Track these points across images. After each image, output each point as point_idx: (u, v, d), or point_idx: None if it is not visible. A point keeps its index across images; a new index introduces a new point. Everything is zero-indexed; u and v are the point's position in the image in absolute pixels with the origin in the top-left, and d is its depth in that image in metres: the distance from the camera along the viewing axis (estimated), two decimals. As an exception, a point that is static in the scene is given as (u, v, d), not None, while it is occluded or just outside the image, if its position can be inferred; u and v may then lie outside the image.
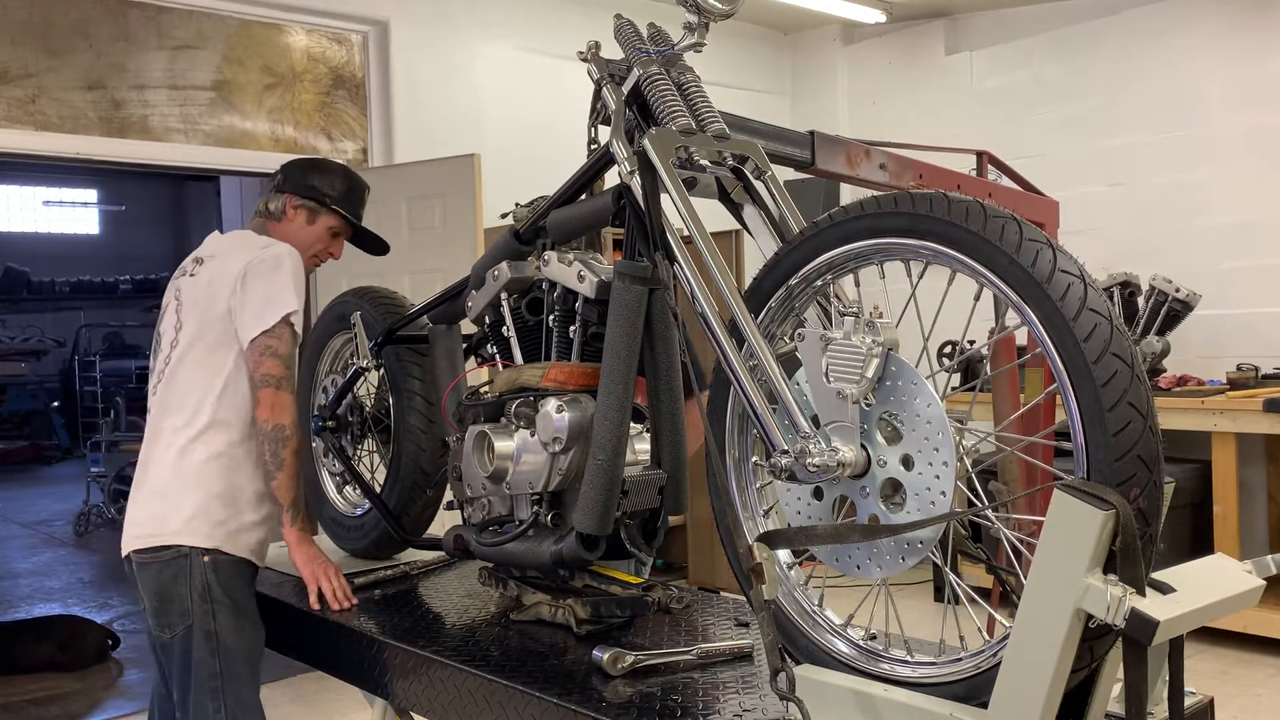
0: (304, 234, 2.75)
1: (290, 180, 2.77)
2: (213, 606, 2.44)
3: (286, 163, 2.85)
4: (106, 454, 9.92)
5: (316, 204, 2.75)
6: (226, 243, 2.68)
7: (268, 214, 2.76)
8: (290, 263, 2.54)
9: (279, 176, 2.79)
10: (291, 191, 2.75)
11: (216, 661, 2.43)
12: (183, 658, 2.45)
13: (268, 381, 2.49)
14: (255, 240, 2.64)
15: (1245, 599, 1.43)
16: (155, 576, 2.46)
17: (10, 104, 4.94)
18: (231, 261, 2.55)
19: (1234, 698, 4.58)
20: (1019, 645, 1.32)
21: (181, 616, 2.44)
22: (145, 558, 2.48)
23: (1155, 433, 1.33)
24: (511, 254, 2.30)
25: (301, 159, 2.92)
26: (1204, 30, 6.08)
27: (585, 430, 2.01)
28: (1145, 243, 6.18)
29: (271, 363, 2.49)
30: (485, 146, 5.68)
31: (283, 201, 2.75)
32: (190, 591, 2.44)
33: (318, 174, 2.80)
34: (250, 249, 2.57)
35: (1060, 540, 1.28)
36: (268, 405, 2.48)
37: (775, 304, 1.73)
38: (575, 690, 1.82)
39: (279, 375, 2.49)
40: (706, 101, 1.98)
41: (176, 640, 2.46)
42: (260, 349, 2.49)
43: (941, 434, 1.45)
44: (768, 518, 1.81)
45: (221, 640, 2.44)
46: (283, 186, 2.77)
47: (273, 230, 2.74)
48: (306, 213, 2.75)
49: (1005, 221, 1.41)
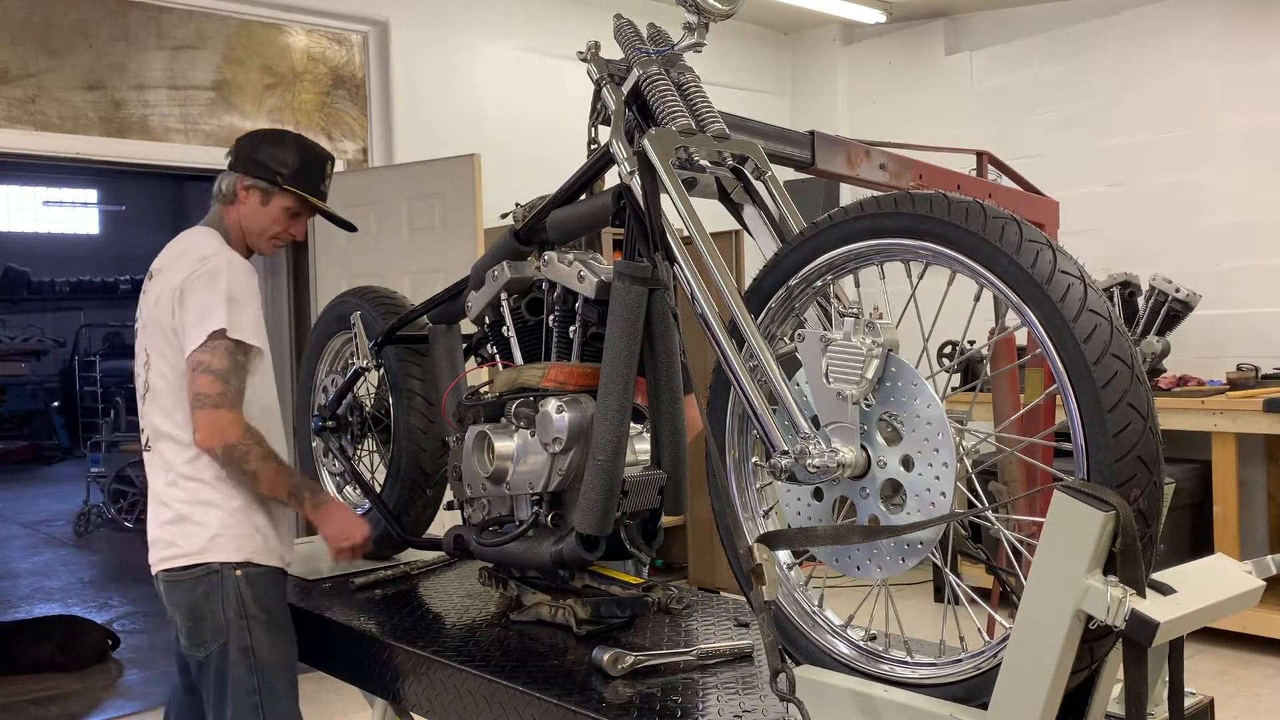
0: (259, 217, 2.54)
1: (240, 158, 2.53)
2: (248, 622, 2.35)
3: (243, 137, 2.61)
4: (106, 454, 9.92)
5: (269, 184, 2.52)
6: (173, 251, 2.50)
7: (220, 196, 2.54)
8: (226, 276, 2.36)
9: (233, 154, 2.56)
10: (241, 171, 2.52)
11: (254, 678, 2.35)
12: (218, 676, 2.36)
13: (201, 402, 2.31)
14: (198, 247, 2.44)
15: (1245, 599, 1.43)
16: (187, 594, 2.36)
17: (10, 104, 4.94)
18: (172, 276, 2.40)
19: (1234, 698, 4.58)
20: (1019, 646, 1.32)
21: (216, 634, 2.35)
22: (175, 575, 2.38)
23: (1155, 433, 1.33)
24: (511, 254, 2.30)
25: (254, 132, 2.69)
26: (1204, 30, 6.08)
27: (585, 430, 2.01)
28: (1145, 243, 6.17)
29: (203, 380, 2.31)
30: (485, 146, 5.68)
31: (233, 182, 2.52)
32: (224, 608, 2.35)
33: (269, 147, 2.55)
34: (189, 260, 2.40)
35: (1060, 541, 1.28)
36: (205, 428, 2.31)
37: (775, 304, 1.73)
38: (575, 691, 1.82)
39: (212, 393, 2.31)
40: (706, 102, 1.98)
41: (211, 658, 2.36)
42: (193, 366, 2.33)
43: (941, 435, 1.45)
44: (768, 518, 1.81)
45: (258, 656, 2.36)
46: (233, 165, 2.54)
47: (226, 215, 2.54)
48: (259, 194, 2.52)
49: (1005, 222, 1.41)
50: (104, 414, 11.83)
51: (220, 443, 2.32)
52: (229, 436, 2.32)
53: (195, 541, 2.37)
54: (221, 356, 2.33)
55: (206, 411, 2.31)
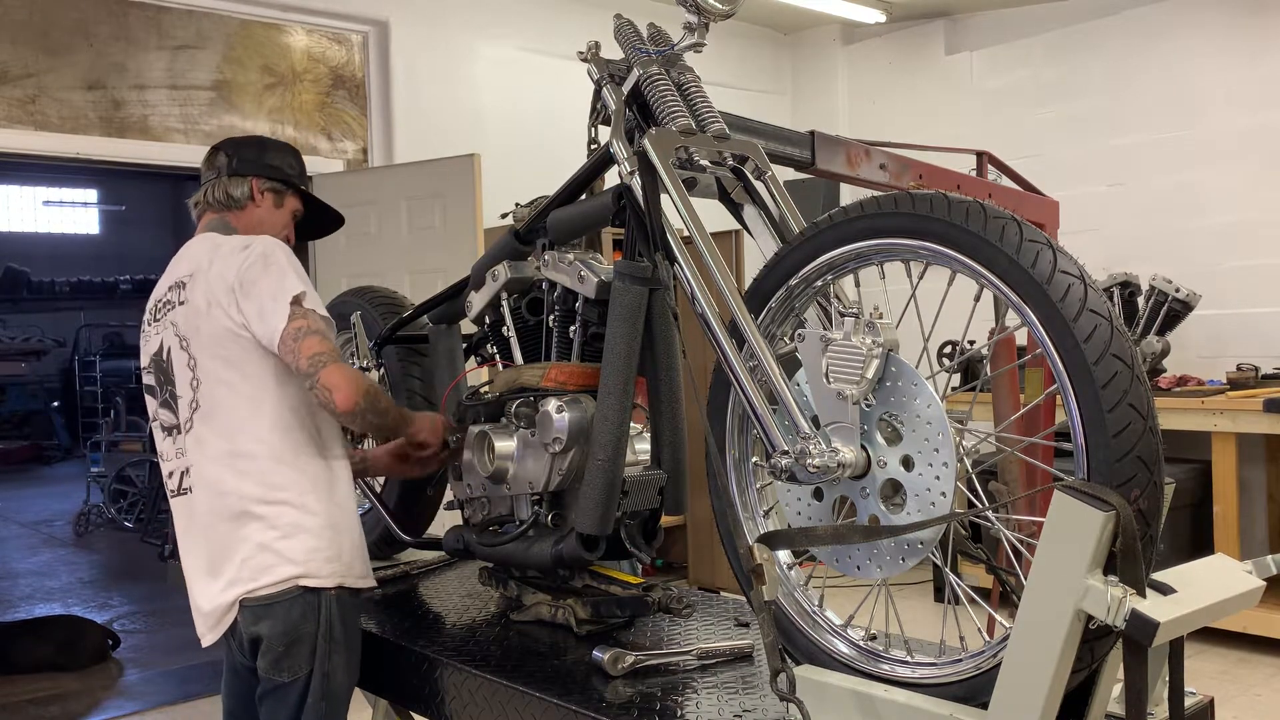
0: (272, 219, 2.48)
1: (249, 162, 2.48)
2: (331, 646, 2.19)
3: (227, 145, 2.52)
4: (106, 454, 9.91)
5: (284, 185, 2.49)
6: (198, 257, 2.31)
7: (227, 203, 2.44)
8: (278, 253, 2.23)
9: (227, 159, 2.47)
10: (255, 174, 2.46)
11: (323, 705, 2.19)
12: (298, 701, 2.18)
13: (320, 362, 2.12)
14: (229, 243, 2.29)
15: (1245, 599, 1.43)
16: (284, 616, 2.16)
17: (10, 104, 4.94)
18: (217, 274, 2.22)
19: (1234, 698, 4.58)
20: (1019, 646, 1.32)
21: (309, 659, 2.17)
22: (266, 597, 2.16)
23: (1155, 433, 1.33)
24: (511, 254, 2.30)
25: (242, 139, 2.61)
26: (1204, 30, 6.08)
27: (585, 430, 2.01)
28: (1145, 243, 6.17)
29: (312, 341, 2.13)
30: (485, 146, 5.68)
31: (248, 186, 2.45)
32: (317, 631, 2.17)
33: (275, 153, 2.53)
34: (230, 255, 2.24)
35: (1060, 541, 1.28)
36: (344, 385, 2.10)
37: (775, 304, 1.73)
38: (575, 690, 1.82)
39: (327, 350, 2.14)
40: (706, 102, 1.98)
41: (297, 683, 2.17)
42: (291, 335, 2.13)
43: (942, 435, 1.45)
44: (768, 518, 1.81)
45: (332, 681, 2.20)
46: (240, 169, 2.46)
47: (234, 221, 2.44)
48: (274, 195, 2.48)
49: (1005, 222, 1.41)
50: (104, 414, 11.84)
51: (360, 394, 2.12)
52: (363, 385, 2.15)
53: (285, 563, 2.17)
54: (314, 318, 2.17)
55: (335, 368, 2.12)
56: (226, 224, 2.44)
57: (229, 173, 2.45)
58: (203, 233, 2.42)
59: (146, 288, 2.87)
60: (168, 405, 2.30)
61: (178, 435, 2.28)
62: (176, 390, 2.27)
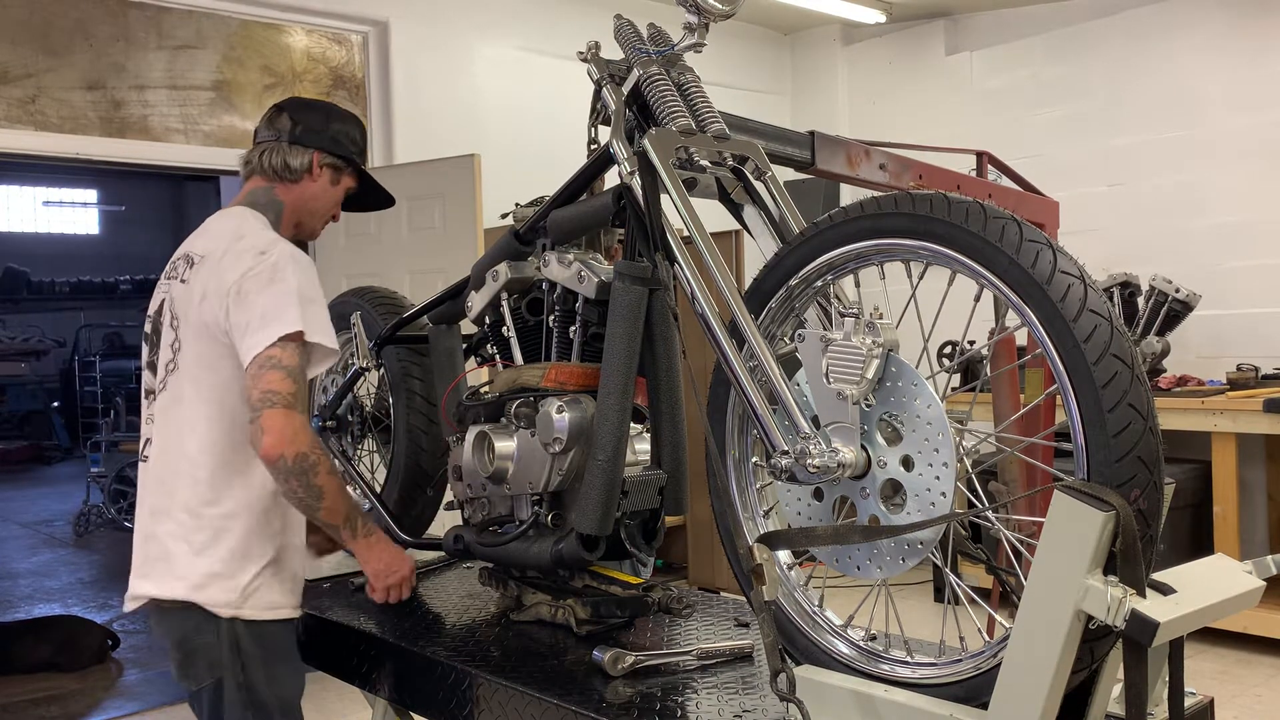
0: (325, 197, 2.32)
1: (312, 131, 2.28)
2: (242, 659, 2.08)
3: (291, 107, 2.32)
4: (106, 454, 9.92)
5: (346, 162, 2.32)
6: (220, 236, 2.17)
7: (283, 173, 2.27)
8: (293, 271, 2.08)
9: (291, 123, 2.28)
10: (319, 147, 2.28)
11: (248, 714, 2.09)
12: (211, 710, 2.11)
13: (270, 400, 1.97)
14: (253, 236, 2.14)
15: (1245, 599, 1.43)
16: (179, 624, 2.09)
17: (10, 104, 4.94)
18: (225, 270, 2.09)
19: (1234, 698, 4.58)
20: (1019, 646, 1.32)
21: (209, 670, 2.08)
22: (162, 602, 2.11)
23: (1155, 433, 1.33)
24: (511, 254, 2.30)
25: (308, 102, 2.40)
26: (1204, 30, 6.08)
27: (585, 431, 2.01)
28: (1145, 243, 6.17)
29: (274, 376, 1.98)
30: (485, 146, 5.68)
31: (308, 158, 2.27)
32: (220, 643, 2.08)
33: (341, 123, 2.33)
34: (246, 253, 2.09)
35: (1060, 541, 1.28)
36: (276, 431, 1.95)
37: (775, 304, 1.73)
38: (575, 691, 1.82)
39: (285, 391, 1.98)
40: (706, 102, 1.98)
41: (204, 692, 2.10)
42: (260, 362, 2.00)
43: (942, 435, 1.45)
44: (768, 518, 1.81)
45: (256, 693, 2.09)
46: (304, 139, 2.27)
47: (282, 194, 2.27)
48: (332, 172, 2.31)
49: (1005, 222, 1.41)
50: (104, 414, 11.84)
51: (292, 450, 1.97)
52: (300, 444, 1.98)
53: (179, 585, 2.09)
54: (293, 355, 2.02)
55: (278, 412, 1.95)
56: (272, 196, 2.27)
57: (290, 139, 2.27)
58: (242, 203, 2.27)
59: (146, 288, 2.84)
60: (152, 368, 2.22)
61: (151, 401, 2.21)
62: (158, 361, 2.19)
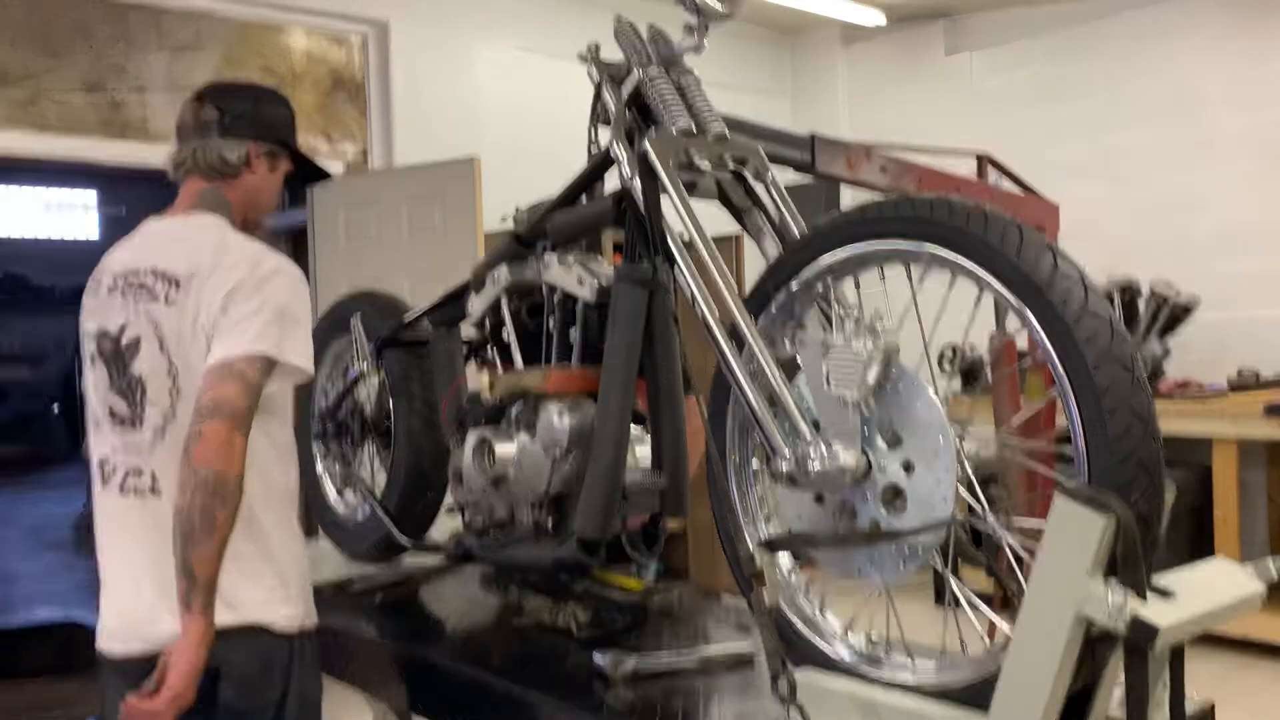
0: (267, 187, 2.15)
1: (243, 120, 2.09)
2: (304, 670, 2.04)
3: (214, 95, 2.12)
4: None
5: (281, 147, 2.15)
6: (201, 255, 1.98)
7: (222, 169, 2.07)
8: (284, 287, 1.94)
9: (218, 114, 2.07)
10: (253, 136, 2.10)
11: None
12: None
13: (221, 410, 1.80)
14: (240, 249, 1.98)
15: (1246, 604, 1.43)
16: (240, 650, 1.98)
17: (10, 106, 4.93)
18: (217, 286, 1.93)
19: (1235, 702, 4.56)
20: (1020, 650, 1.32)
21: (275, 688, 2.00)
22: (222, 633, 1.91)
23: (1156, 437, 1.32)
24: (512, 257, 2.30)
25: (229, 87, 2.22)
26: (1204, 31, 6.08)
27: (586, 434, 2.01)
28: (1145, 245, 6.17)
29: (231, 387, 1.83)
30: (485, 148, 5.68)
31: (243, 151, 2.08)
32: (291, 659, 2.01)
33: (269, 106, 2.16)
34: (236, 267, 1.94)
35: (1061, 545, 1.28)
36: (215, 441, 1.78)
37: (776, 308, 1.73)
38: (576, 695, 1.82)
39: (238, 407, 1.82)
40: (707, 103, 1.98)
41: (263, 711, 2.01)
42: (222, 368, 1.85)
43: (942, 438, 1.45)
44: (768, 523, 1.81)
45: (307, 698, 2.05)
46: (235, 129, 2.08)
47: (227, 192, 2.09)
48: (269, 160, 2.13)
49: (1006, 225, 1.41)
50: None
51: (220, 467, 1.79)
52: (231, 466, 1.80)
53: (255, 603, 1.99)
54: (256, 371, 1.87)
55: (224, 425, 1.80)
56: (220, 196, 2.10)
57: (220, 132, 2.08)
58: (199, 210, 2.08)
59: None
60: (125, 395, 2.00)
61: (134, 432, 2.00)
62: (147, 393, 1.98)
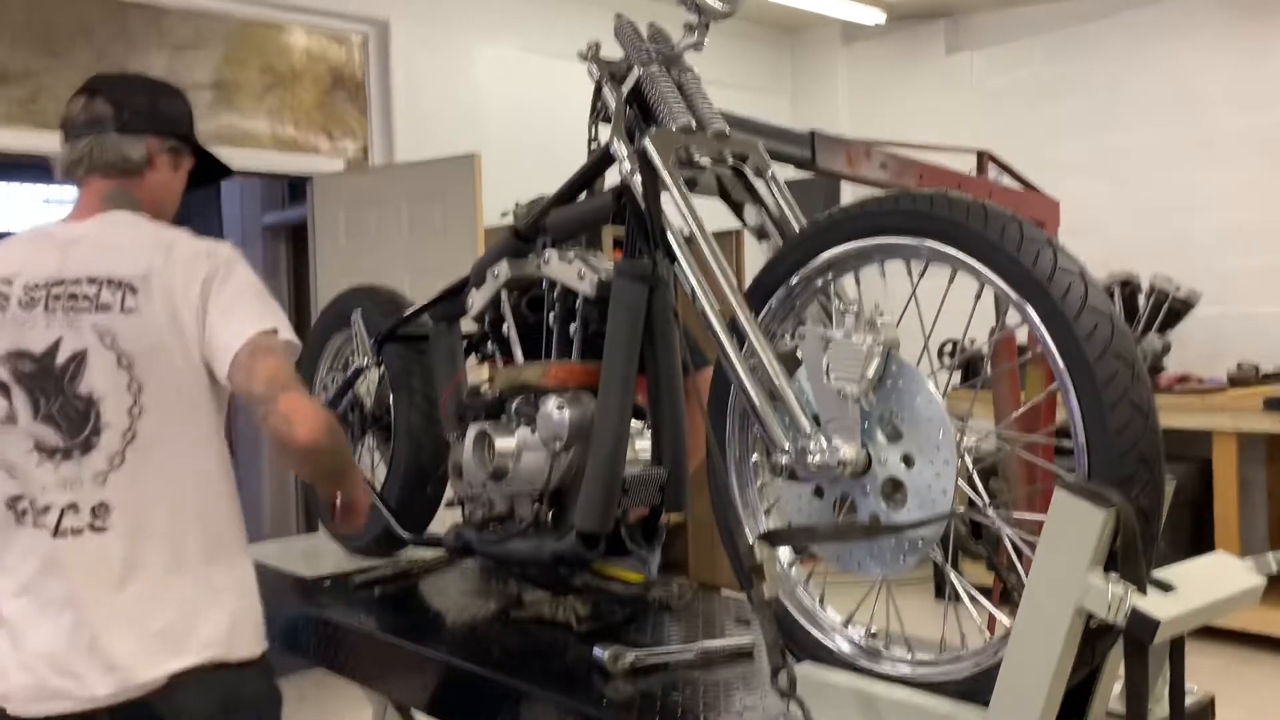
0: (173, 186, 2.02)
1: (141, 116, 1.94)
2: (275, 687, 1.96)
3: (106, 88, 1.96)
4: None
5: (183, 143, 2.02)
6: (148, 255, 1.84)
7: (124, 168, 1.93)
8: (247, 268, 1.89)
9: (114, 109, 1.92)
10: (153, 132, 1.96)
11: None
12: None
13: (277, 384, 1.74)
14: (185, 244, 1.87)
15: (1246, 597, 1.43)
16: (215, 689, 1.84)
17: (10, 104, 4.93)
18: (183, 286, 1.81)
19: (1235, 696, 4.57)
20: (1019, 644, 1.32)
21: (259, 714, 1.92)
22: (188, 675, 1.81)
23: (1156, 431, 1.33)
24: (512, 252, 2.30)
25: (120, 79, 2.08)
26: (1204, 30, 6.08)
27: (586, 428, 2.01)
28: (1145, 242, 6.17)
29: (270, 361, 1.77)
30: (485, 146, 5.68)
31: (144, 148, 1.94)
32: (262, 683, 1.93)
33: (167, 100, 2.02)
34: (193, 261, 1.84)
35: (1061, 539, 1.28)
36: (308, 416, 1.72)
37: (776, 303, 1.73)
38: (576, 689, 1.82)
39: (289, 375, 1.78)
40: (707, 101, 1.98)
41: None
42: (250, 350, 1.77)
43: (942, 432, 1.46)
44: (768, 516, 1.81)
45: None
46: (133, 125, 1.93)
47: (134, 190, 1.94)
48: (171, 157, 2.00)
49: (1006, 221, 1.41)
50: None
51: (327, 430, 1.74)
52: (329, 418, 1.76)
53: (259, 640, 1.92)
54: (281, 346, 1.82)
55: (298, 395, 1.73)
56: (129, 195, 1.95)
57: (117, 128, 1.93)
58: (113, 208, 1.93)
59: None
60: (59, 422, 1.80)
61: (73, 463, 1.80)
62: (101, 415, 1.79)
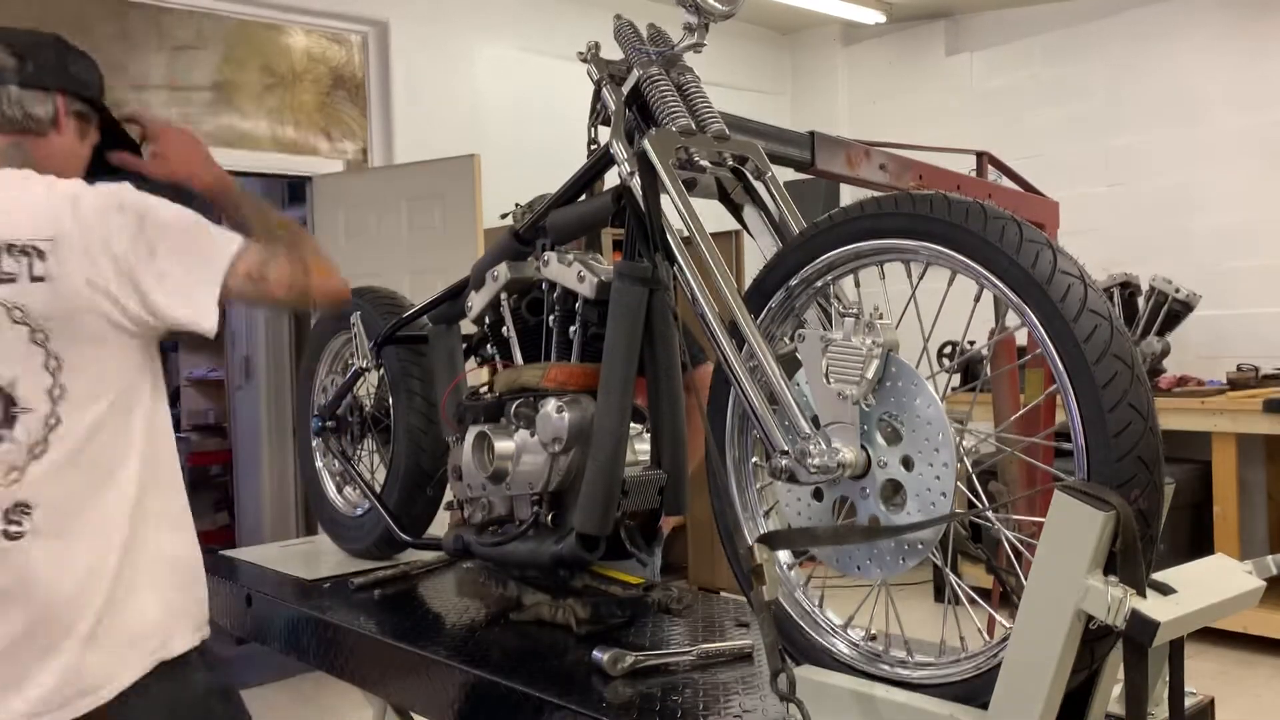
0: (75, 157, 1.87)
1: (50, 71, 1.79)
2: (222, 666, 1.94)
3: (11, 39, 1.80)
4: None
5: (91, 108, 1.88)
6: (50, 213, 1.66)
7: (25, 124, 1.77)
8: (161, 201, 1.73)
9: (17, 60, 1.77)
10: (61, 88, 1.80)
11: None
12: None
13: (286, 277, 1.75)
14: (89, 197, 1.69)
15: (1245, 600, 1.43)
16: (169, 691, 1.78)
17: (10, 104, 4.93)
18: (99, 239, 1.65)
19: (1234, 698, 4.58)
20: (1019, 646, 1.32)
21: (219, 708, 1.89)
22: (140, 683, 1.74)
23: (1155, 433, 1.32)
24: (511, 254, 2.30)
25: (28, 33, 1.85)
26: (1204, 30, 6.08)
27: (585, 431, 2.01)
28: (1145, 243, 6.18)
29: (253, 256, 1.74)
30: (485, 146, 5.68)
31: (52, 105, 1.79)
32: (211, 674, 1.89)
33: (76, 60, 1.86)
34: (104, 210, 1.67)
35: (1060, 541, 1.28)
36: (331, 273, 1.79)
37: (775, 305, 1.73)
38: (575, 691, 1.82)
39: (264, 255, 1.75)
40: (706, 102, 1.98)
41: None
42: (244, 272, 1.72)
43: (942, 435, 1.45)
44: (768, 518, 1.81)
45: None
46: (41, 79, 1.77)
47: (34, 151, 1.78)
48: (79, 123, 1.86)
49: (1005, 222, 1.41)
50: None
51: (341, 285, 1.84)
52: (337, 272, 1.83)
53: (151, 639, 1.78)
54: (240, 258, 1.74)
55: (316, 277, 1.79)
56: (25, 153, 1.78)
57: (19, 81, 1.76)
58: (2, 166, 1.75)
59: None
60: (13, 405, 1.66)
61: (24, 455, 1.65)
62: (16, 401, 1.65)
